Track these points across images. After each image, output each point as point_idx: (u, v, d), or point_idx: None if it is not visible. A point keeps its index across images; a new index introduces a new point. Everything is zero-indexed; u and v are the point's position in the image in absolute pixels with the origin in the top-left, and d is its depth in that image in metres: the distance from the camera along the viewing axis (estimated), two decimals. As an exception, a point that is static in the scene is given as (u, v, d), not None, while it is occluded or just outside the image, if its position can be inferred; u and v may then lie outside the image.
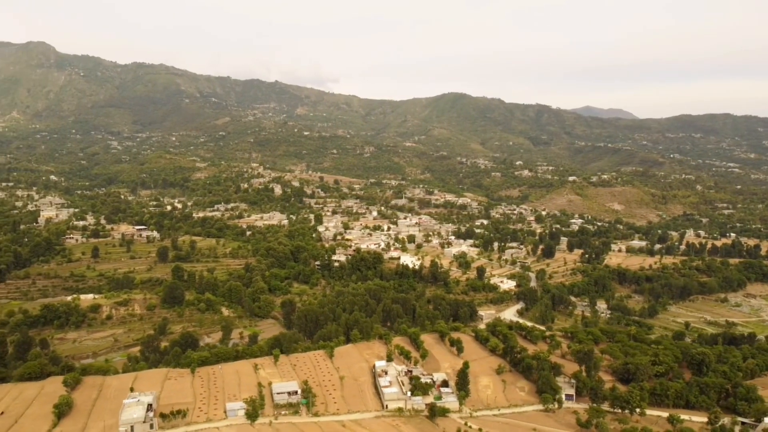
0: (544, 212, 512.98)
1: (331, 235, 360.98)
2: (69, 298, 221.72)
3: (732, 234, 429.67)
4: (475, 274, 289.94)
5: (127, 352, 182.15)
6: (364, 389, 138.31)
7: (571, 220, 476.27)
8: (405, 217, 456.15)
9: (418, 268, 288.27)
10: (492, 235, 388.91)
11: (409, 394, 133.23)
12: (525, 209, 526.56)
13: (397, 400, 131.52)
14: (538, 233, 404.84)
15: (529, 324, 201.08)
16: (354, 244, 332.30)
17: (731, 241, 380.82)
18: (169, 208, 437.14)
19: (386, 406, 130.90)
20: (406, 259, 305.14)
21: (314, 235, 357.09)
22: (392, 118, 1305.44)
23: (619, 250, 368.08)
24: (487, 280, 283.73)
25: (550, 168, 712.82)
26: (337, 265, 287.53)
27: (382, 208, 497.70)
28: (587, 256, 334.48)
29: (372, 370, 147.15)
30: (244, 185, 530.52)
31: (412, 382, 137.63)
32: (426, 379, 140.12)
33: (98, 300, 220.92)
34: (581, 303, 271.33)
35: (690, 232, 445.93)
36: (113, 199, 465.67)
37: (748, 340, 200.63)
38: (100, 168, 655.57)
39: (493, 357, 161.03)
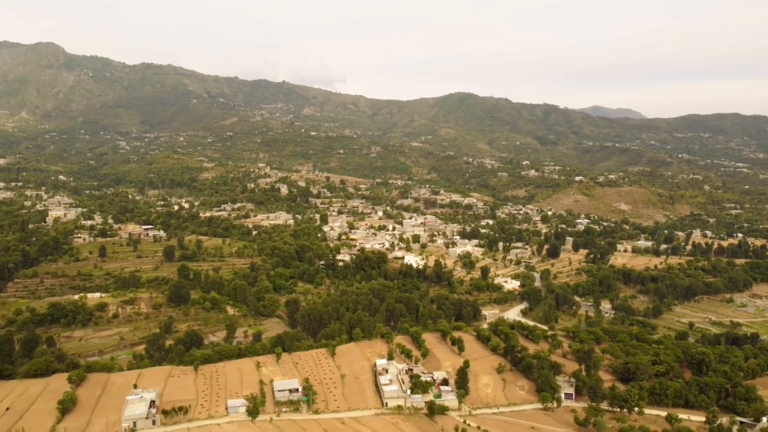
0: (550, 212, 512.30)
1: (336, 234, 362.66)
2: (76, 296, 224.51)
3: (739, 234, 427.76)
4: (480, 274, 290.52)
5: (133, 350, 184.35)
6: (365, 387, 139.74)
7: (577, 220, 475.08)
8: (410, 217, 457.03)
9: (422, 267, 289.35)
10: (497, 235, 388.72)
11: (409, 392, 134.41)
12: (531, 209, 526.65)
13: (396, 398, 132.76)
14: (544, 233, 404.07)
15: (532, 324, 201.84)
16: (358, 244, 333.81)
17: (738, 242, 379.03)
18: (176, 207, 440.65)
19: (386, 403, 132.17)
20: (410, 259, 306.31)
21: (319, 234, 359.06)
22: (399, 118, 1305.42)
23: (625, 251, 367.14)
24: (491, 280, 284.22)
25: (557, 168, 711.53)
26: (341, 264, 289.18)
27: (388, 208, 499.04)
28: (592, 257, 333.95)
29: (373, 369, 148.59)
30: (251, 185, 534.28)
31: (412, 380, 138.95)
32: (426, 378, 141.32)
33: (105, 299, 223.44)
34: (585, 303, 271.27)
35: (696, 232, 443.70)
36: (121, 199, 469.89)
37: (750, 340, 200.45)
38: (109, 168, 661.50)
39: (494, 356, 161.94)
